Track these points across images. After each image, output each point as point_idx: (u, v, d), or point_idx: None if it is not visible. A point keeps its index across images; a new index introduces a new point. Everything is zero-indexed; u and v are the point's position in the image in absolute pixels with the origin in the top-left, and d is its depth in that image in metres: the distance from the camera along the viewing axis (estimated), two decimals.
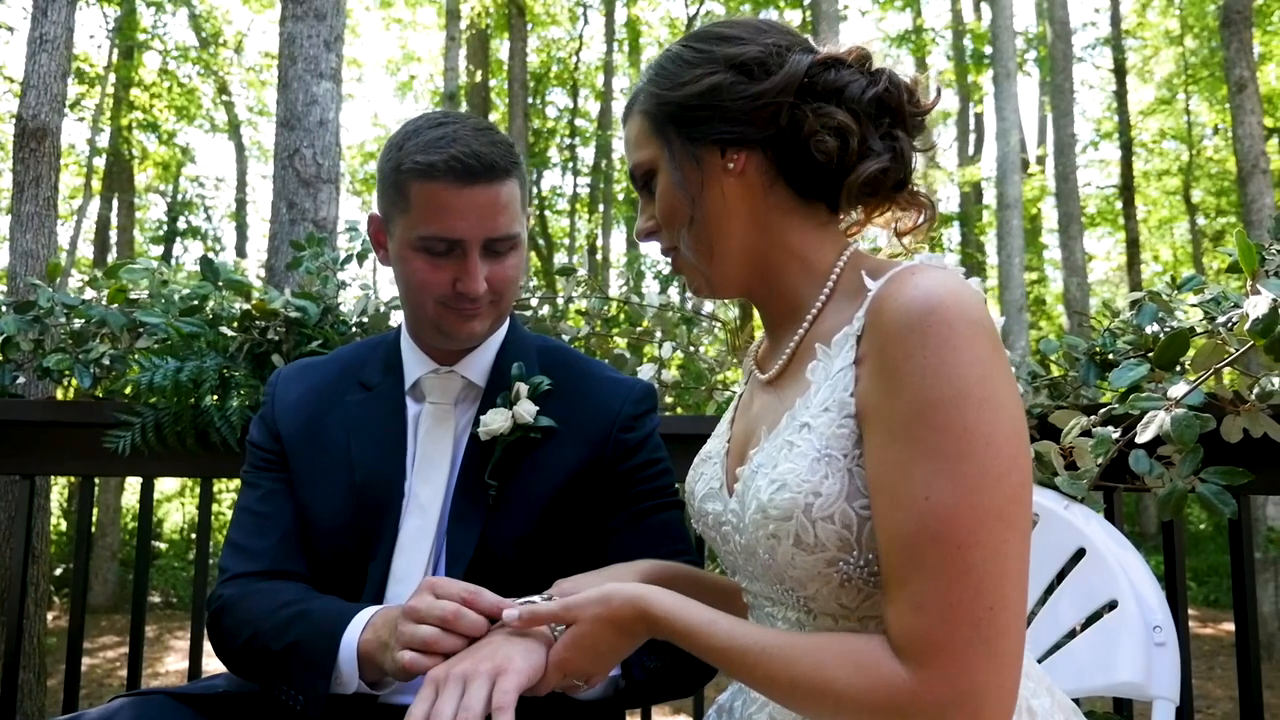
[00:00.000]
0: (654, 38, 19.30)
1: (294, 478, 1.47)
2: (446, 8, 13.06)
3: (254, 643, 1.30)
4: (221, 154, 42.27)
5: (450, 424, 1.46)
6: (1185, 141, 18.35)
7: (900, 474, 0.90)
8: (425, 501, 1.41)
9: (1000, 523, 0.88)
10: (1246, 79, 8.91)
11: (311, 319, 2.37)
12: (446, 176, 1.31)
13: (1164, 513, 1.45)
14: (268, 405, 1.55)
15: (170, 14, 15.86)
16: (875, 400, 0.95)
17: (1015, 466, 0.90)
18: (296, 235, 3.72)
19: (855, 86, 1.07)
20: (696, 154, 1.10)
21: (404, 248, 1.37)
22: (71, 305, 2.39)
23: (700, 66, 1.09)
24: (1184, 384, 1.42)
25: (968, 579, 0.86)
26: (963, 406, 0.89)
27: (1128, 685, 1.32)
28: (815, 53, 1.10)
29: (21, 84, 3.58)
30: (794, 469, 0.99)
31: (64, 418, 2.38)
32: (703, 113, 1.09)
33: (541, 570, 1.40)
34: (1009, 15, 11.68)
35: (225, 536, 1.53)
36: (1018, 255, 11.13)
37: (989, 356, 0.92)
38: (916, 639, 0.88)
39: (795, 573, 1.00)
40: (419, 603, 1.14)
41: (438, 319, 1.40)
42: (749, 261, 1.13)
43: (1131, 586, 1.36)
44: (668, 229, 1.15)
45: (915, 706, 0.87)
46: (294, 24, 3.87)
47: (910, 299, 0.94)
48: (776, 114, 1.07)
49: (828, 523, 0.96)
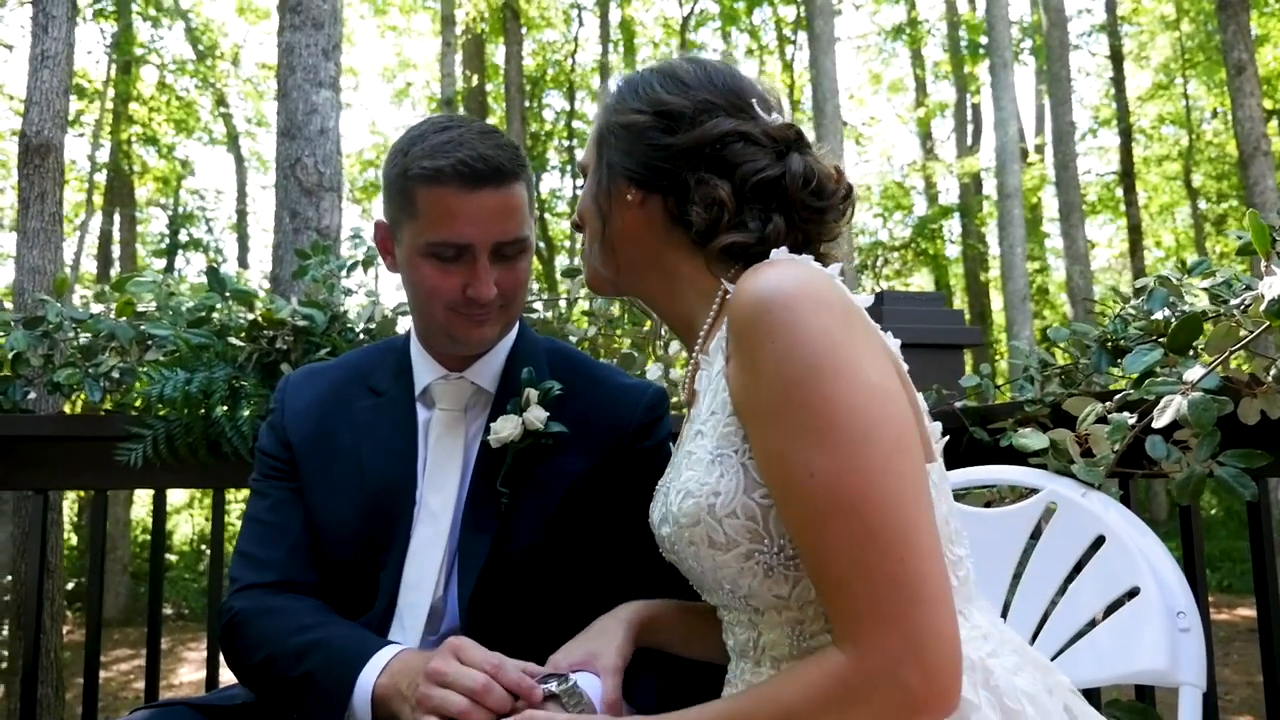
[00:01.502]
0: (648, 38, 19.30)
1: (304, 485, 1.46)
2: (442, 14, 13.06)
3: (269, 666, 1.30)
4: (220, 166, 42.37)
5: (461, 431, 1.45)
6: (1184, 126, 18.31)
7: (781, 460, 0.95)
8: (436, 509, 1.41)
9: (887, 477, 0.92)
10: (1245, 61, 8.90)
11: (319, 327, 2.37)
12: (454, 181, 1.30)
13: (1183, 497, 1.44)
14: (277, 412, 1.53)
15: (167, 28, 15.89)
16: (743, 394, 1.01)
17: (885, 420, 0.94)
18: (300, 244, 3.72)
19: (750, 167, 1.13)
20: (611, 178, 1.20)
21: (412, 254, 1.36)
22: (80, 319, 2.39)
23: (637, 100, 1.19)
24: (1200, 367, 1.42)
25: (872, 539, 0.90)
26: (817, 379, 0.93)
27: (1152, 672, 1.32)
28: (746, 118, 1.16)
29: (25, 101, 3.59)
30: (694, 475, 1.05)
31: (75, 432, 2.38)
32: (621, 144, 1.19)
33: (554, 577, 1.40)
34: (1004, 5, 11.67)
35: (235, 546, 1.52)
36: (1020, 245, 11.12)
37: (836, 328, 0.96)
38: (848, 616, 0.91)
39: (724, 574, 1.05)
40: (445, 666, 1.14)
41: (448, 325, 1.38)
42: (645, 280, 1.23)
43: (1153, 572, 1.35)
44: (584, 229, 1.27)
45: (865, 681, 0.90)
46: (292, 33, 3.87)
47: (751, 291, 0.99)
48: (676, 170, 1.15)
49: (732, 518, 1.01)
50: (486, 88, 16.42)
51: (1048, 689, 1.06)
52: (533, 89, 17.39)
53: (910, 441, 0.97)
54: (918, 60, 19.80)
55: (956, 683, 0.91)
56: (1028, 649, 1.13)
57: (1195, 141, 18.19)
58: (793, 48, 18.96)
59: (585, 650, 1.23)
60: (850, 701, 0.90)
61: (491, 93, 16.85)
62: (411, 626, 1.38)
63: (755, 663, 1.10)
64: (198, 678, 9.22)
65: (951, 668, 0.90)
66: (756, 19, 18.88)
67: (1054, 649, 1.44)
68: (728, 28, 18.91)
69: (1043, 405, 1.98)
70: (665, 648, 1.30)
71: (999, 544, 1.55)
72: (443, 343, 1.45)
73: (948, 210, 19.12)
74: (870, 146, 21.14)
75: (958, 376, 2.47)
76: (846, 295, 1.04)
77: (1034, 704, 1.01)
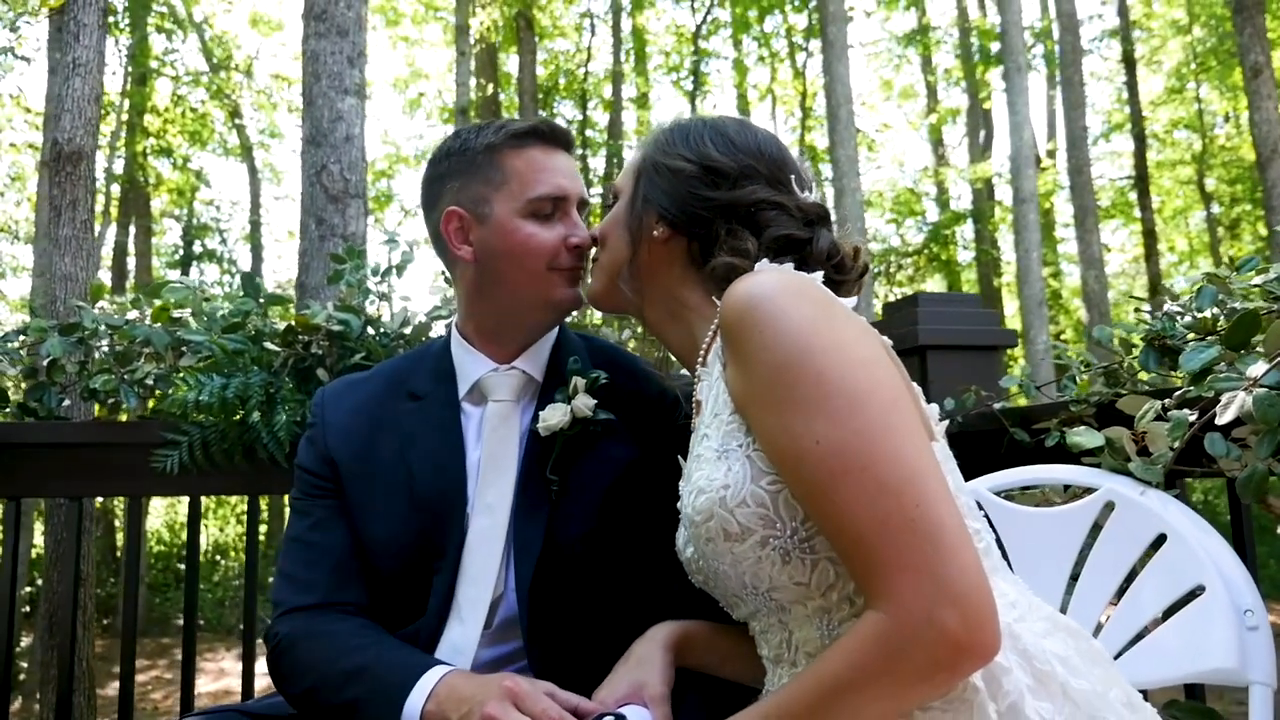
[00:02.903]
0: (660, 47, 19.34)
1: (349, 500, 1.45)
2: (456, 24, 13.13)
3: (315, 694, 1.30)
4: (233, 178, 42.64)
5: (515, 422, 1.46)
6: (1197, 130, 18.24)
7: (787, 437, 1.00)
8: (493, 501, 1.40)
9: (888, 432, 0.97)
10: (1262, 64, 8.85)
11: (354, 332, 2.37)
12: (538, 142, 1.43)
13: (1245, 495, 1.42)
14: (317, 428, 1.53)
15: (181, 40, 16.01)
16: (740, 388, 1.07)
17: (876, 385, 1.00)
18: (326, 251, 3.73)
19: (778, 231, 1.22)
20: (644, 210, 1.29)
21: (510, 219, 1.42)
22: (116, 326, 2.40)
23: (685, 148, 1.28)
24: (1263, 363, 1.40)
25: (885, 491, 0.94)
26: (809, 356, 1.00)
27: (1221, 671, 1.29)
28: (784, 191, 1.26)
29: (54, 109, 3.61)
30: (703, 474, 1.10)
31: (110, 438, 2.38)
32: (662, 184, 1.28)
33: (609, 564, 1.40)
34: (1018, 10, 11.65)
35: (277, 567, 1.51)
36: (1035, 249, 11.07)
37: (817, 314, 1.04)
38: (874, 573, 0.94)
39: (743, 567, 1.08)
40: (502, 714, 1.13)
41: (547, 289, 1.43)
42: (653, 306, 1.33)
43: (1218, 570, 1.33)
44: (602, 247, 1.37)
45: (904, 632, 0.91)
46: (317, 41, 3.88)
47: (737, 295, 1.07)
48: (709, 221, 1.24)
49: (744, 507, 1.05)
50: (499, 97, 16.48)
51: (1079, 653, 1.06)
52: (545, 98, 17.44)
53: (905, 405, 1.02)
54: (929, 67, 19.79)
55: (993, 620, 0.92)
56: (1058, 616, 1.13)
57: (1208, 146, 18.11)
58: (804, 55, 18.98)
59: (629, 682, 1.23)
60: (894, 657, 0.92)
61: (504, 102, 16.90)
62: (471, 620, 1.37)
63: (791, 664, 1.11)
64: (215, 688, 9.22)
65: (986, 604, 0.92)
66: (768, 26, 18.90)
67: (1115, 649, 1.41)
68: (739, 35, 18.94)
69: (1088, 405, 1.96)
70: (701, 669, 1.30)
71: (1055, 544, 1.53)
72: (531, 313, 1.47)
73: (960, 216, 19.06)
74: (882, 153, 21.12)
75: (994, 378, 2.45)
76: (826, 292, 1.12)
77: (1065, 665, 1.02)
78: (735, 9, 17.89)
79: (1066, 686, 0.99)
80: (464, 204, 1.45)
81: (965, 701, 0.95)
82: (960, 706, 0.95)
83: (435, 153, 1.54)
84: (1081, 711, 0.98)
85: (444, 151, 1.50)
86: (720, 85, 20.06)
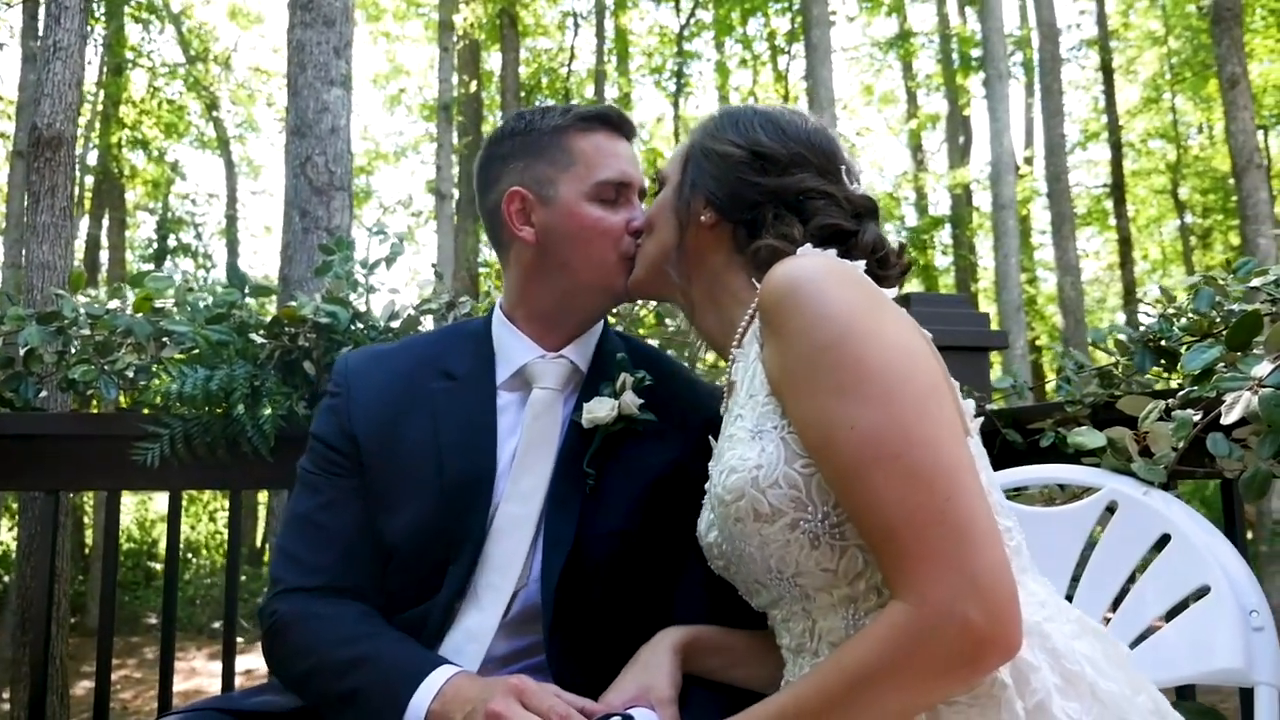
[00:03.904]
0: (643, 47, 19.33)
1: (369, 480, 1.40)
2: (439, 19, 13.05)
3: (313, 678, 1.26)
4: (209, 171, 42.10)
5: (558, 411, 1.43)
6: (1172, 140, 18.48)
7: (822, 420, 0.99)
8: (527, 489, 1.37)
9: (924, 422, 0.96)
10: (1238, 75, 8.98)
11: (341, 324, 2.32)
12: (605, 127, 1.44)
13: (1248, 495, 1.42)
14: (341, 399, 1.46)
15: (159, 31, 15.79)
16: (778, 368, 1.06)
17: (916, 373, 0.99)
18: (310, 244, 3.68)
19: (826, 219, 1.22)
20: (690, 195, 1.29)
21: (577, 201, 1.41)
22: (96, 315, 2.34)
23: (735, 134, 1.28)
24: (1267, 363, 1.40)
25: (917, 481, 0.93)
26: (849, 342, 0.99)
27: (1226, 672, 1.29)
28: (833, 181, 1.26)
29: (35, 93, 3.52)
30: (736, 453, 1.09)
31: (89, 430, 2.32)
32: (711, 169, 1.28)
33: (636, 568, 1.37)
34: (999, 18, 11.75)
35: (277, 541, 1.45)
36: (1014, 255, 11.17)
37: (860, 299, 1.03)
38: (901, 563, 0.93)
39: (771, 550, 1.07)
40: (507, 712, 1.10)
41: (610, 274, 1.42)
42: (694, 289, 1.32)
43: (1223, 571, 1.33)
44: (649, 233, 1.37)
45: (927, 624, 0.90)
46: (303, 31, 3.82)
47: (779, 275, 1.06)
48: (757, 206, 1.24)
49: (776, 488, 1.04)
50: (482, 95, 16.40)
51: (1106, 656, 1.06)
52: (527, 96, 17.36)
53: (943, 394, 1.01)
54: (909, 72, 19.92)
55: (1016, 616, 0.92)
56: (1086, 618, 1.12)
57: (1182, 156, 18.36)
58: (786, 58, 19.04)
59: (637, 685, 1.21)
60: (916, 649, 0.91)
61: (486, 100, 16.83)
62: (491, 608, 1.33)
63: (814, 654, 1.10)
64: (187, 688, 9.09)
65: (1010, 600, 0.91)
66: (751, 29, 18.94)
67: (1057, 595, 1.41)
68: (722, 37, 18.97)
69: (1083, 406, 1.96)
70: (707, 674, 1.28)
71: (1057, 544, 1.53)
72: (589, 297, 1.45)
73: (938, 221, 19.20)
74: (862, 157, 21.22)
75: (984, 379, 2.45)
76: (869, 280, 1.11)
77: (1093, 666, 1.01)
78: (718, 11, 17.90)
79: (1095, 687, 0.99)
80: (527, 184, 1.43)
81: (993, 698, 0.95)
82: (988, 703, 0.95)
83: (495, 134, 1.53)
84: (1109, 712, 0.98)
85: (506, 131, 1.49)
86: (703, 87, 20.07)
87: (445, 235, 12.64)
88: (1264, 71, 15.53)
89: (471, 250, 14.47)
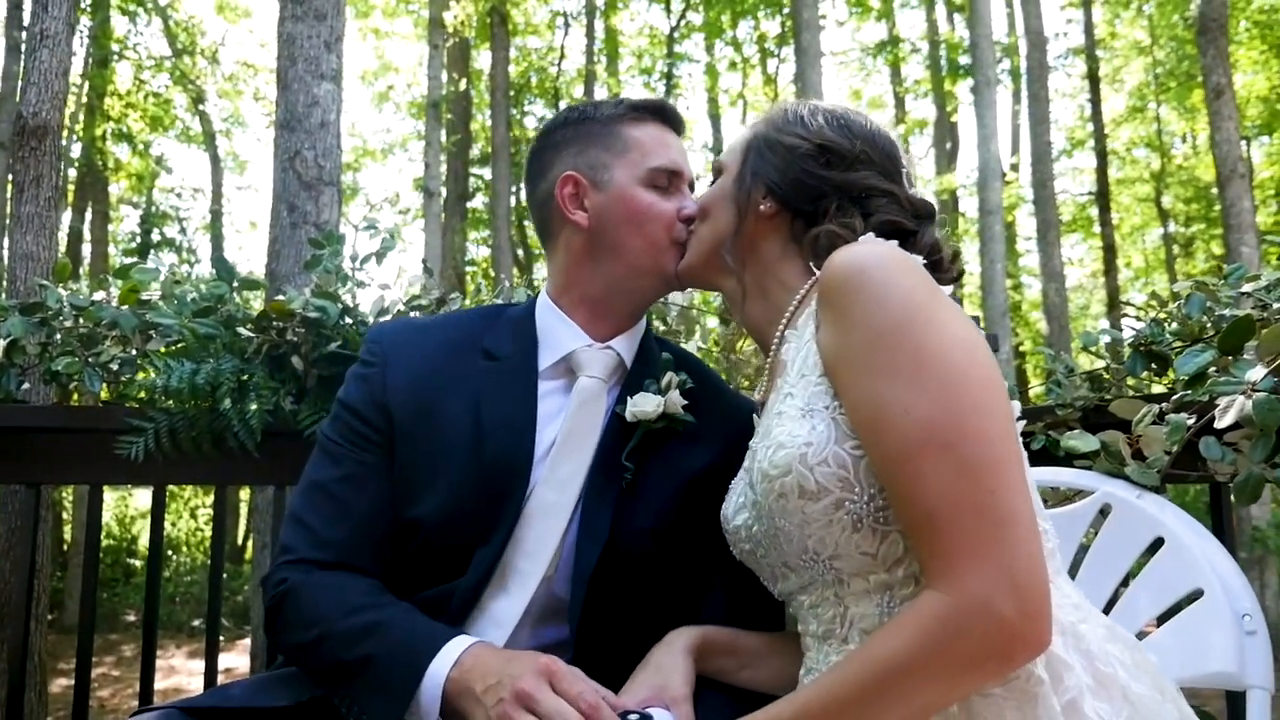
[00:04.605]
0: (633, 49, 19.33)
1: (399, 458, 1.36)
2: (429, 17, 13.00)
3: (322, 645, 1.22)
4: (195, 165, 41.78)
5: (603, 401, 1.41)
6: (1156, 149, 18.64)
7: (876, 403, 0.99)
8: (565, 477, 1.35)
9: (978, 414, 0.96)
10: (1224, 85, 9.06)
11: (331, 319, 2.29)
12: (659, 119, 1.48)
13: (1242, 499, 1.43)
14: (377, 370, 1.42)
15: (145, 24, 15.66)
16: (835, 349, 1.06)
17: (974, 364, 0.99)
18: (298, 239, 3.65)
19: (887, 216, 1.24)
20: (751, 184, 1.30)
21: (631, 186, 1.43)
22: (81, 307, 2.30)
23: (801, 128, 1.29)
24: (1261, 367, 1.40)
25: (964, 472, 0.93)
26: (909, 328, 1.00)
27: (1220, 675, 1.29)
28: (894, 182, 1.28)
29: (21, 81, 3.47)
30: (785, 429, 1.09)
31: (72, 423, 2.29)
32: (774, 160, 1.29)
33: (666, 567, 1.36)
34: (988, 25, 11.80)
35: (290, 507, 1.40)
36: (1000, 261, 11.21)
37: (925, 288, 1.04)
38: (939, 551, 0.93)
39: (811, 530, 1.06)
40: (537, 692, 1.07)
41: (663, 259, 1.43)
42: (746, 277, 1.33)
43: (1217, 575, 1.33)
44: (703, 220, 1.38)
45: (960, 615, 0.90)
46: (293, 24, 3.79)
47: (845, 259, 1.07)
48: (819, 198, 1.26)
49: (824, 466, 1.04)
50: (470, 93, 16.35)
51: (1135, 663, 1.06)
52: (517, 95, 17.34)
53: (998, 389, 1.01)
54: (898, 77, 20.00)
55: (1048, 613, 0.92)
56: (1116, 626, 1.13)
57: (1166, 165, 18.51)
58: (776, 61, 19.09)
59: (650, 686, 1.20)
60: (948, 640, 0.91)
61: (475, 99, 16.79)
62: (518, 594, 1.31)
63: (842, 640, 1.09)
64: (165, 686, 9.01)
65: (1044, 598, 0.92)
66: (741, 32, 18.98)
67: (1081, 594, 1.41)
68: (712, 40, 18.99)
69: (1073, 409, 1.97)
70: (719, 675, 1.27)
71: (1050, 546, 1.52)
72: (642, 282, 1.46)
73: None
74: None
75: None
76: (928, 273, 1.11)
77: (1125, 669, 1.02)
78: (708, 13, 17.93)
79: (1127, 690, 0.99)
80: (581, 169, 1.45)
81: (1030, 693, 0.95)
82: (1024, 698, 0.95)
83: (547, 125, 1.55)
84: (1139, 714, 0.98)
85: (559, 121, 1.52)
86: (692, 88, 20.12)
87: (433, 233, 12.59)
88: (1248, 82, 15.67)
89: (459, 248, 14.43)
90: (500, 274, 11.83)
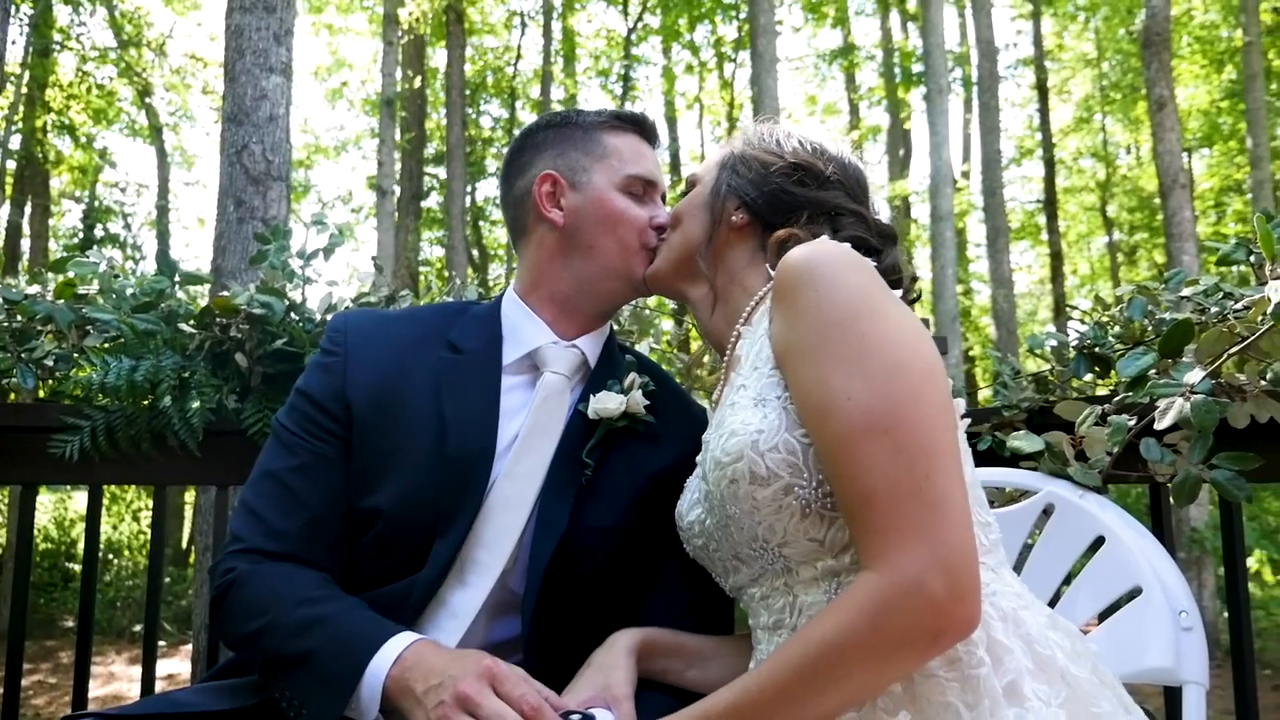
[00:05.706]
0: (590, 50, 19.31)
1: (361, 445, 1.35)
2: (384, 13, 12.85)
3: (265, 637, 1.21)
4: (140, 160, 40.79)
5: (566, 397, 1.42)
6: (1102, 159, 19.10)
7: (821, 389, 1.03)
8: (525, 471, 1.34)
9: (917, 403, 1.00)
10: (1166, 98, 9.30)
11: (276, 316, 2.25)
12: (638, 130, 1.53)
13: (1179, 499, 1.46)
14: (338, 359, 1.41)
15: (88, 13, 15.25)
16: (785, 339, 1.11)
17: (916, 356, 1.03)
18: (245, 234, 3.57)
19: (851, 233, 1.29)
20: (726, 194, 1.36)
21: (607, 190, 1.47)
22: (14, 301, 2.23)
23: (777, 147, 1.36)
24: (1199, 370, 1.43)
25: (900, 456, 0.97)
26: (855, 320, 1.04)
27: (1157, 671, 1.32)
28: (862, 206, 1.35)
29: None
30: (738, 418, 1.13)
31: (4, 421, 2.22)
32: (749, 175, 1.35)
33: (621, 566, 1.37)
34: (940, 35, 11.99)
35: (241, 496, 1.38)
36: (951, 266, 11.39)
37: (872, 284, 1.09)
38: (874, 531, 0.97)
39: (761, 516, 1.09)
40: (479, 696, 1.06)
41: (633, 262, 1.47)
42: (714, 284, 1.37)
43: (1155, 573, 1.36)
44: (674, 229, 1.43)
45: (893, 594, 0.93)
46: (242, 15, 3.71)
47: (798, 255, 1.12)
48: (790, 212, 1.32)
49: (774, 452, 1.08)
50: (425, 91, 16.19)
51: (1076, 651, 1.09)
52: (473, 95, 17.21)
53: (940, 379, 1.05)
54: (852, 84, 20.24)
55: (977, 596, 0.95)
56: (1058, 617, 1.15)
57: (1111, 175, 18.98)
58: (732, 65, 19.21)
59: (592, 686, 1.20)
60: (880, 617, 0.94)
61: (430, 97, 16.63)
62: (476, 585, 1.30)
63: (791, 629, 1.11)
64: (104, 693, 8.77)
65: (973, 580, 0.95)
66: (698, 36, 19.06)
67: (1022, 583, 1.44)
68: (669, 43, 19.05)
69: (1019, 410, 2.00)
70: (664, 676, 1.28)
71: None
72: (610, 283, 1.48)
73: None
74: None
75: None
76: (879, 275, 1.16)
77: (1064, 654, 1.05)
78: (666, 17, 17.98)
79: (1065, 672, 1.02)
80: (560, 169, 1.49)
81: (972, 675, 0.98)
82: (967, 679, 0.98)
83: (528, 128, 1.58)
84: (1077, 695, 1.01)
85: (541, 124, 1.56)
86: (649, 91, 20.13)
87: (386, 232, 12.44)
88: (1190, 96, 16.13)
89: (413, 248, 14.28)
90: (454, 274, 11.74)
